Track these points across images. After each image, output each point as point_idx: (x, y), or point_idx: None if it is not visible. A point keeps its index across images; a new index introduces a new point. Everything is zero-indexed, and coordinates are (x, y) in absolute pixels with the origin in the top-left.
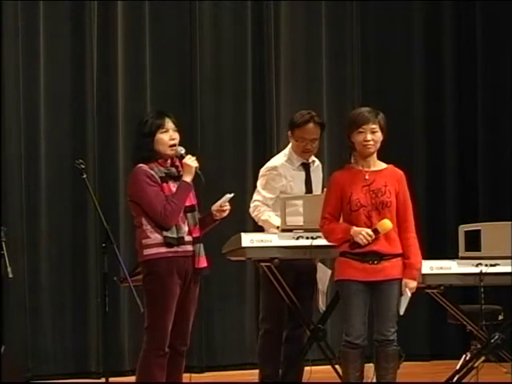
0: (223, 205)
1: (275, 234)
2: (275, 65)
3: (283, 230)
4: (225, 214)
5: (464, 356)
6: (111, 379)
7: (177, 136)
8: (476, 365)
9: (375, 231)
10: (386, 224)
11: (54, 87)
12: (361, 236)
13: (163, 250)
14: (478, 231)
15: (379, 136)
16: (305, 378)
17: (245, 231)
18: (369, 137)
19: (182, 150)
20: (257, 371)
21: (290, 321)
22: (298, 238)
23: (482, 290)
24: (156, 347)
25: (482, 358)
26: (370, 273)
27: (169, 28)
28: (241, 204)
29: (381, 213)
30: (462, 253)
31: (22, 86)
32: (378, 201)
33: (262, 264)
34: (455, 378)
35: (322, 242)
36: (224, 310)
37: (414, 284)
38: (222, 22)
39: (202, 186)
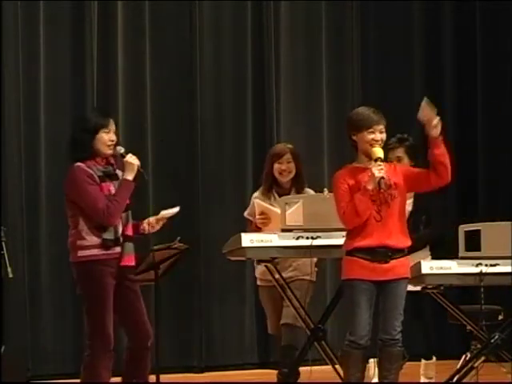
0: (165, 216)
1: (275, 234)
2: (275, 64)
3: (283, 230)
4: (155, 229)
5: (464, 356)
6: (111, 379)
7: (115, 138)
8: (476, 365)
9: (376, 160)
10: (377, 151)
11: (54, 87)
12: (373, 171)
13: (98, 252)
14: (478, 231)
15: (385, 136)
16: (305, 378)
17: (245, 231)
18: (378, 136)
19: (121, 150)
20: (257, 371)
21: None
22: (298, 238)
23: (482, 289)
24: (102, 349)
25: (482, 358)
26: (378, 272)
27: (169, 28)
28: (241, 204)
29: (390, 205)
30: (462, 253)
31: (21, 85)
32: (386, 194)
33: (262, 264)
34: (455, 378)
35: (322, 241)
36: (224, 310)
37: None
38: (222, 22)
39: (145, 183)
